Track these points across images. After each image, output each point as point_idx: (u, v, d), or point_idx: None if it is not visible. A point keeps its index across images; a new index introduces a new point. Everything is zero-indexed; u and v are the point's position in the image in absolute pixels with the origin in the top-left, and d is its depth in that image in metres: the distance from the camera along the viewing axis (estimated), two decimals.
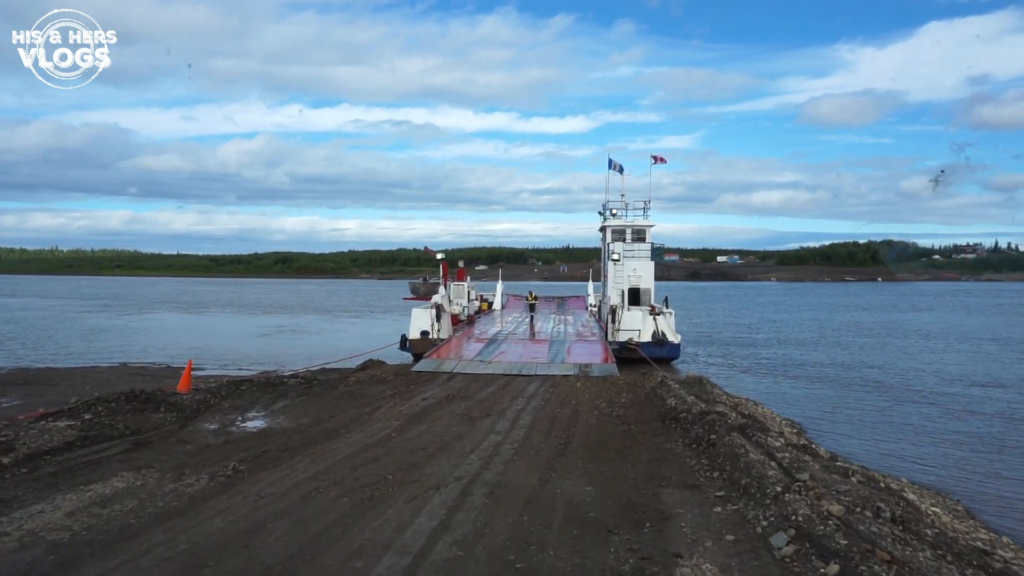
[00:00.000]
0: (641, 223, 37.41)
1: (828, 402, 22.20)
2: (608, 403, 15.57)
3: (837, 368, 30.29)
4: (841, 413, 20.19)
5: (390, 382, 19.19)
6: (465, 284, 40.40)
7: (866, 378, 27.49)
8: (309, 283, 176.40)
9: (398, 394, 16.85)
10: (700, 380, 19.50)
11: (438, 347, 26.58)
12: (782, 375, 28.38)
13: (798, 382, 26.64)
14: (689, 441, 11.27)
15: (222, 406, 14.70)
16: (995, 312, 74.62)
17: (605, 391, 17.64)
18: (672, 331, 29.01)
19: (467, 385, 18.66)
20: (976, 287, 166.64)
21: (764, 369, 29.91)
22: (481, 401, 15.73)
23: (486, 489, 8.34)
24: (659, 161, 37.84)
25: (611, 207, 38.34)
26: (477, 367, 21.93)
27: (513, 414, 14.08)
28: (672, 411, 13.83)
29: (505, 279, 53.28)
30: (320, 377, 20.26)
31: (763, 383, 26.27)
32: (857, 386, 25.63)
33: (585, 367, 21.77)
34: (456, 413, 13.95)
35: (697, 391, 17.63)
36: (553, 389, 17.95)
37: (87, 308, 71.27)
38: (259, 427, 12.60)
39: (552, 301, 55.14)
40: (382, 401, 15.64)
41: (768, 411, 18.19)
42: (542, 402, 15.59)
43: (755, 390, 24.23)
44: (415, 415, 13.73)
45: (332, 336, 42.23)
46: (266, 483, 8.59)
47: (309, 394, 16.69)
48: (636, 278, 35.79)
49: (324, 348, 34.53)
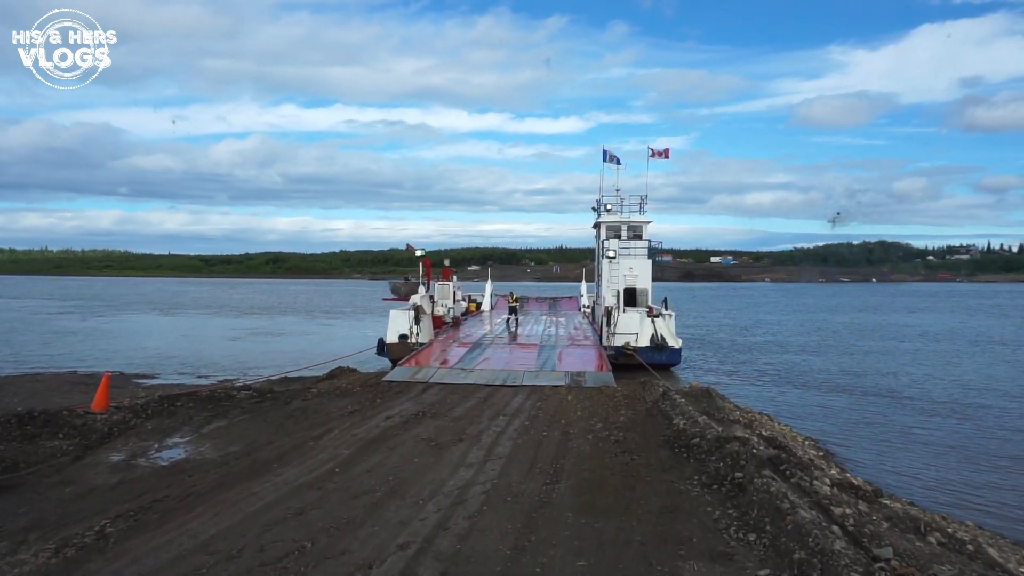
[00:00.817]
0: (638, 219, 35.13)
1: (845, 416, 19.96)
2: (604, 422, 13.25)
3: (847, 376, 28.09)
4: (863, 430, 17.94)
5: (355, 395, 16.81)
6: (450, 284, 37.98)
7: (880, 387, 25.29)
8: (298, 283, 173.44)
9: (360, 410, 14.49)
10: (708, 392, 17.21)
11: (416, 352, 24.20)
12: (789, 383, 26.16)
13: (808, 392, 24.40)
14: (707, 479, 8.97)
15: (143, 428, 12.30)
16: (997, 314, 72.80)
17: (600, 406, 15.32)
18: (672, 335, 26.72)
19: (443, 398, 16.31)
20: (971, 288, 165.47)
21: (769, 377, 27.67)
22: (455, 420, 13.38)
23: (437, 569, 6.00)
24: (658, 155, 35.52)
25: (606, 203, 36.03)
26: (457, 376, 19.58)
27: (490, 438, 11.74)
28: (681, 435, 11.53)
29: (498, 279, 50.79)
30: (277, 388, 17.87)
31: (770, 393, 24.03)
32: (873, 396, 23.42)
33: (577, 376, 19.45)
34: (422, 438, 11.60)
35: (706, 406, 15.33)
36: (541, 403, 15.62)
37: (61, 309, 68.43)
38: (175, 458, 10.22)
39: (543, 302, 52.79)
40: (338, 420, 13.27)
41: (785, 428, 15.92)
42: (527, 421, 13.26)
43: (764, 401, 22.00)
44: (372, 440, 11.36)
45: (308, 339, 39.73)
46: (130, 558, 6.21)
47: (256, 411, 14.30)
48: (632, 277, 33.48)
49: (297, 353, 32.10)
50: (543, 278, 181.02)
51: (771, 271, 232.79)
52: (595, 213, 38.70)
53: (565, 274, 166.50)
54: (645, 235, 34.81)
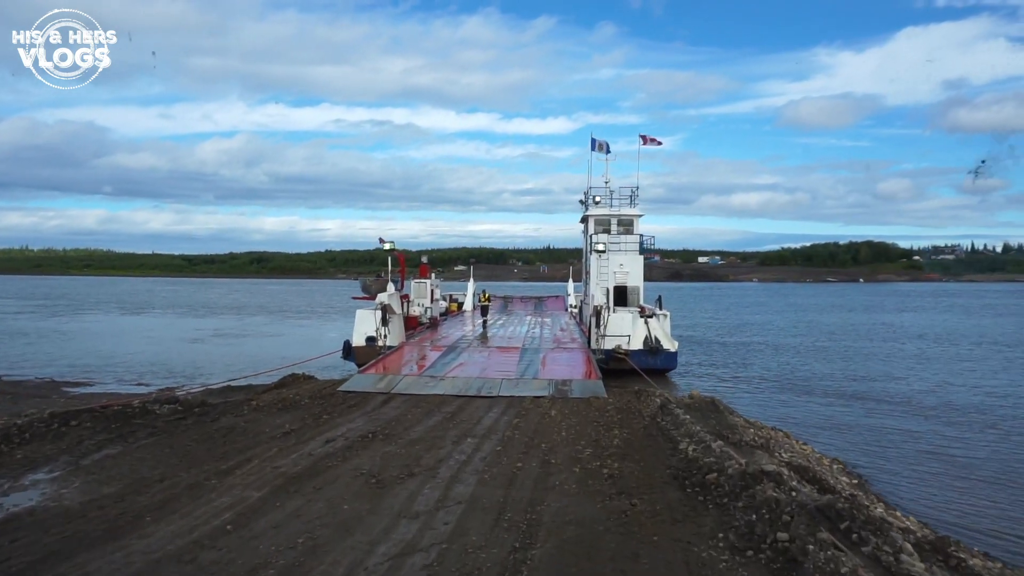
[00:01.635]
0: (628, 212, 32.75)
1: (864, 429, 17.61)
2: (594, 446, 10.79)
3: (854, 381, 25.82)
4: (890, 448, 15.57)
5: (302, 408, 14.24)
6: (427, 282, 35.38)
7: (893, 394, 23.03)
8: (279, 283, 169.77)
9: (299, 430, 11.93)
10: (713, 404, 14.80)
11: (383, 357, 21.64)
12: (793, 390, 23.82)
13: (815, 400, 22.07)
14: (737, 539, 6.54)
15: (9, 459, 9.65)
16: (991, 313, 71.28)
17: (589, 423, 12.86)
18: (668, 337, 24.36)
19: (403, 413, 13.78)
20: (958, 288, 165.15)
21: (771, 383, 25.34)
22: (411, 444, 10.87)
23: None
24: (651, 142, 33.13)
25: (594, 195, 33.62)
26: (424, 385, 17.06)
27: (450, 471, 9.24)
28: (692, 465, 9.09)
29: (485, 280, 48.12)
30: (212, 401, 15.22)
31: (775, 402, 21.68)
32: (887, 404, 21.14)
33: (562, 385, 16.98)
34: (362, 471, 9.08)
35: (715, 423, 12.91)
36: (519, 419, 13.13)
37: (21, 309, 64.99)
38: (14, 508, 7.59)
39: (528, 301, 50.34)
40: (266, 445, 10.71)
41: (807, 448, 13.53)
42: (499, 445, 10.77)
43: (770, 412, 19.66)
44: (295, 476, 8.82)
45: (273, 342, 36.99)
46: None
47: (168, 432, 11.68)
48: (623, 275, 31.11)
49: (256, 356, 29.41)
50: (530, 278, 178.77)
51: (758, 271, 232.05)
52: (583, 207, 36.31)
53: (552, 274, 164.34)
54: (636, 229, 32.45)
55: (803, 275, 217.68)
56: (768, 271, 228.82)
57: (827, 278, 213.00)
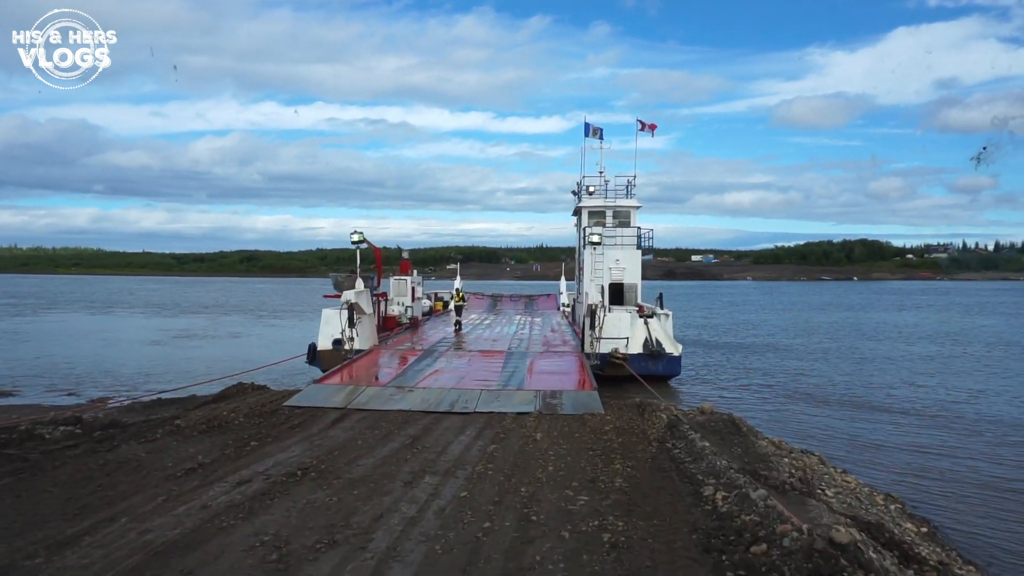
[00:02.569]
0: (625, 204, 30.24)
1: (905, 453, 15.03)
2: (589, 489, 8.23)
3: (872, 389, 23.34)
4: (941, 479, 13.00)
5: (231, 430, 11.62)
6: (408, 279, 32.74)
7: (921, 404, 20.57)
8: (266, 282, 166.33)
9: (210, 464, 9.31)
10: (733, 423, 12.27)
11: (349, 363, 19.03)
12: (806, 399, 21.30)
13: (834, 411, 19.57)
14: None
15: None
16: (995, 312, 69.21)
17: (583, 451, 10.30)
18: (670, 339, 21.83)
19: (354, 437, 11.19)
20: (953, 286, 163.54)
21: (781, 390, 22.81)
22: (349, 487, 8.27)
23: None
24: (647, 128, 30.59)
25: (588, 185, 31.08)
26: (389, 398, 14.46)
27: (389, 538, 6.65)
28: (726, 526, 6.56)
29: (478, 278, 45.44)
30: (125, 420, 12.59)
31: (789, 413, 19.18)
32: (919, 418, 18.63)
33: (551, 398, 14.41)
34: (264, 537, 6.49)
35: (740, 450, 10.38)
36: (496, 446, 10.57)
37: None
38: None
39: (519, 300, 47.77)
40: (153, 490, 8.10)
41: (850, 480, 11.01)
42: (463, 490, 8.19)
43: (789, 426, 17.19)
44: (164, 548, 6.22)
45: (238, 343, 34.24)
46: None
47: (40, 468, 9.03)
48: (619, 271, 28.56)
49: (214, 360, 26.74)
50: (523, 277, 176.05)
51: (752, 270, 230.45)
52: (575, 199, 33.75)
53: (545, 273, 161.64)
54: (633, 222, 29.92)
55: (797, 273, 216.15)
56: (762, 270, 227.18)
57: (821, 276, 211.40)
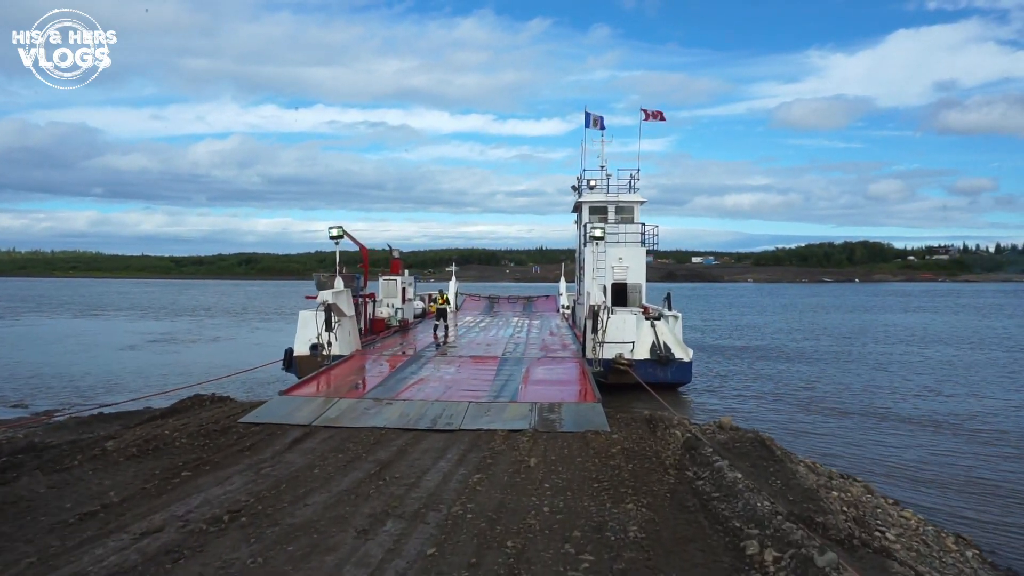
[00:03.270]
0: (628, 199, 28.40)
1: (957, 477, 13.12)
2: (596, 544, 6.38)
3: (898, 399, 21.44)
4: (1018, 514, 11.13)
5: (168, 454, 9.77)
6: (398, 279, 30.90)
7: (961, 415, 18.72)
8: (263, 284, 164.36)
9: (121, 504, 7.47)
10: (763, 444, 10.40)
11: (326, 370, 17.19)
12: (829, 410, 19.43)
13: (858, 423, 17.71)
14: None
15: None
16: (1001, 314, 67.25)
17: (586, 484, 8.46)
18: (679, 343, 19.97)
19: (312, 463, 9.33)
20: (956, 288, 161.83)
21: (797, 400, 20.93)
22: (283, 539, 6.41)
23: None
24: (653, 117, 28.73)
25: (588, 179, 29.25)
26: (363, 413, 12.61)
27: None
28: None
29: (477, 280, 43.63)
30: (48, 442, 10.73)
31: (813, 427, 17.31)
32: (961, 433, 16.75)
33: (549, 412, 12.56)
34: None
35: (779, 481, 8.51)
36: (480, 475, 8.72)
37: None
38: None
39: (517, 302, 45.91)
40: (25, 547, 6.22)
41: (907, 515, 9.13)
42: (431, 546, 6.31)
43: (816, 443, 15.34)
44: None
45: (217, 348, 32.39)
46: None
47: None
48: (622, 270, 26.71)
49: (186, 367, 24.95)
50: (522, 279, 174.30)
51: (753, 271, 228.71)
52: (575, 194, 31.91)
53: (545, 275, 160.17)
54: (637, 218, 28.09)
55: (798, 275, 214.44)
56: (763, 271, 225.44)
57: (823, 278, 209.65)
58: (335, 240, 20.03)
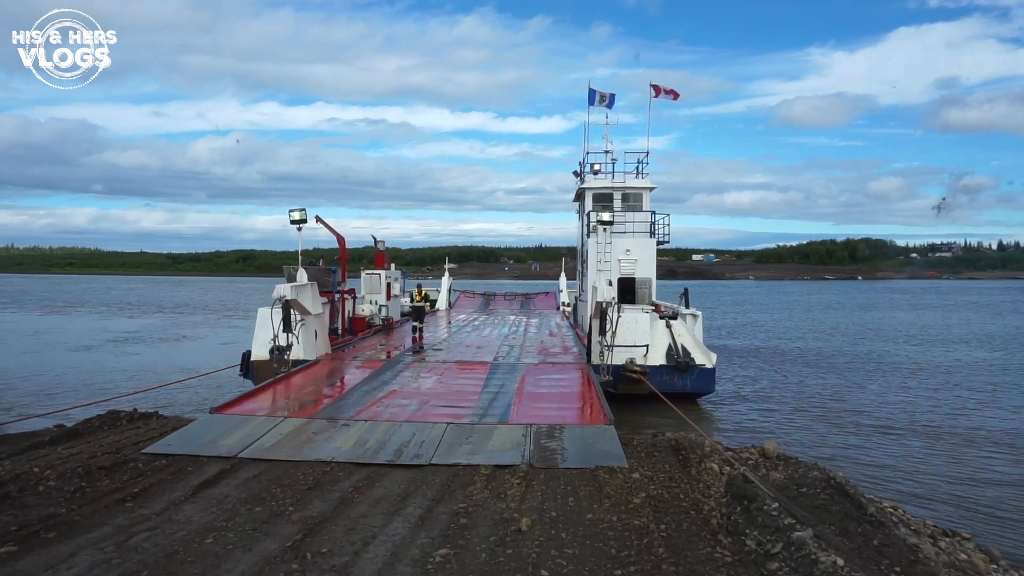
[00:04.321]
0: (636, 184, 25.59)
1: None
2: None
3: (958, 415, 18.57)
4: None
5: (18, 506, 6.97)
6: (383, 273, 28.14)
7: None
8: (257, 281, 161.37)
9: None
10: (840, 489, 7.60)
11: (279, 379, 14.41)
12: (877, 429, 16.33)
13: (925, 446, 14.84)
14: None
15: None
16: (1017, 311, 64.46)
17: (603, 560, 5.66)
18: (700, 347, 17.18)
19: (207, 527, 6.55)
20: (962, 285, 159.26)
21: (829, 412, 18.05)
22: None
23: None
24: (667, 94, 25.86)
25: (592, 162, 26.42)
26: (311, 439, 9.83)
27: None
28: None
29: (476, 277, 40.56)
30: None
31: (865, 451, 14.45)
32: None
33: (548, 438, 9.76)
34: None
35: (890, 557, 5.69)
36: (448, 552, 5.92)
37: None
38: None
39: (514, 299, 43.09)
40: None
41: None
42: None
43: (875, 474, 12.54)
44: None
45: (181, 348, 29.59)
46: None
47: None
48: (630, 263, 23.88)
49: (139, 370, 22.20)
50: (521, 276, 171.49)
51: (754, 269, 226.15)
52: (576, 178, 29.09)
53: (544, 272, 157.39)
54: (646, 206, 25.27)
55: (800, 273, 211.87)
56: (764, 269, 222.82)
57: (825, 276, 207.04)
58: (297, 225, 17.14)
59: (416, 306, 20.86)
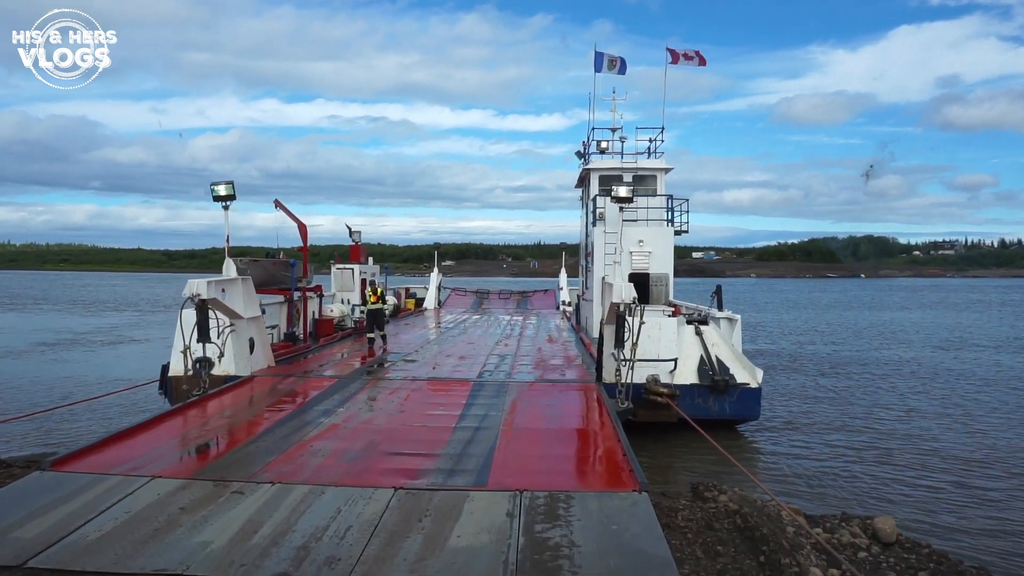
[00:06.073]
0: (650, 164, 21.97)
1: None
2: None
3: None
4: None
5: None
6: (356, 269, 24.47)
7: None
8: None
9: None
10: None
11: (184, 405, 10.74)
12: (954, 460, 12.93)
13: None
14: None
15: None
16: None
17: None
18: (740, 360, 13.48)
19: None
20: (967, 283, 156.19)
21: (898, 441, 14.41)
22: None
23: None
24: (688, 59, 22.15)
25: (598, 140, 22.76)
26: (173, 526, 6.11)
27: None
28: None
29: (474, 275, 36.81)
30: None
31: (959, 503, 10.87)
32: None
33: (547, 522, 6.01)
34: None
35: None
36: None
37: None
38: None
39: (509, 297, 39.44)
40: None
41: None
42: None
43: (988, 543, 8.91)
44: None
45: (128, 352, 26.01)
46: None
47: None
48: (643, 256, 20.20)
49: (55, 383, 18.47)
50: (520, 274, 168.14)
51: (755, 266, 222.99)
52: (580, 159, 25.37)
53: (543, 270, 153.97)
54: (661, 189, 21.66)
55: (802, 271, 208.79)
56: (765, 266, 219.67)
57: (827, 274, 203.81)
58: (222, 203, 13.37)
59: (372, 309, 17.06)
